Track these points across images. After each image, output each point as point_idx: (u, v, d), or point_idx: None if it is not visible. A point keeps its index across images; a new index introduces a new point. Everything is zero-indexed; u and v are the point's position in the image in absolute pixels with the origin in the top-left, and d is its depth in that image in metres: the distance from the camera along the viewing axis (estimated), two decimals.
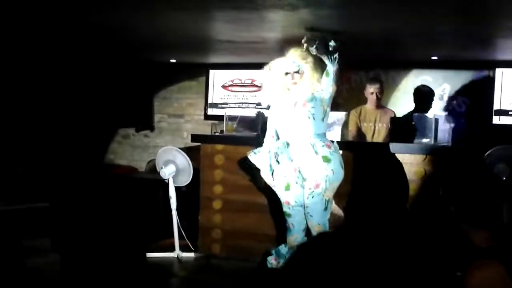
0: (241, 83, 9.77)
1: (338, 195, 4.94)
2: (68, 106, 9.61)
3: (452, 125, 5.57)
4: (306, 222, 4.30)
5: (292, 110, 4.19)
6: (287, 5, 5.32)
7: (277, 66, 4.33)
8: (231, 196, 5.43)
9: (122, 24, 6.50)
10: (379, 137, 6.03)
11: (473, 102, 8.45)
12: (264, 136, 4.60)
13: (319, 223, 4.20)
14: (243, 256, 5.19)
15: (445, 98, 8.58)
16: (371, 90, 6.16)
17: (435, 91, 8.46)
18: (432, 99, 5.97)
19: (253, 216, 5.24)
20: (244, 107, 9.62)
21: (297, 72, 4.23)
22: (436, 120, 4.97)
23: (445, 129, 5.28)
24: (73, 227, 6.43)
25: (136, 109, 10.11)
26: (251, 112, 8.24)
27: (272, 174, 4.41)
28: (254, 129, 5.93)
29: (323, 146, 4.13)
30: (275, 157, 4.26)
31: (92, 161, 9.86)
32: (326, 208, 4.18)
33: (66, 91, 9.56)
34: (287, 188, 4.25)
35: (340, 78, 9.08)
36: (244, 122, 6.04)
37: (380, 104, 6.27)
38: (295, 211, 4.28)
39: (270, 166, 4.40)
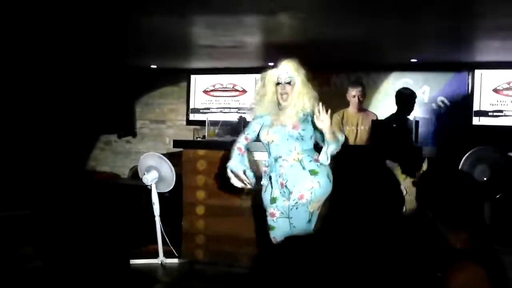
0: (223, 88, 9.78)
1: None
2: (49, 112, 9.55)
3: (433, 127, 5.61)
4: None
5: (282, 128, 4.17)
6: (265, 9, 5.34)
7: (269, 76, 4.31)
8: (213, 201, 5.42)
9: (102, 29, 6.49)
10: (361, 141, 6.05)
11: (453, 103, 8.53)
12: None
13: None
14: (227, 261, 5.19)
15: (426, 99, 8.64)
16: (353, 93, 6.17)
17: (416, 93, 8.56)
18: (414, 101, 5.98)
19: (236, 221, 5.25)
20: (226, 112, 9.62)
21: (289, 83, 4.21)
22: (417, 122, 5.00)
23: (425, 131, 5.31)
24: (56, 234, 6.38)
25: (117, 115, 10.07)
26: (233, 117, 8.26)
27: (245, 173, 4.40)
28: (236, 133, 5.94)
29: (310, 161, 4.12)
30: (269, 172, 4.26)
31: (74, 168, 9.80)
32: (310, 221, 4.12)
33: (47, 98, 9.50)
34: (273, 201, 4.22)
35: (321, 81, 9.20)
36: (226, 126, 6.06)
37: (362, 107, 6.29)
38: (279, 223, 4.22)
39: (246, 166, 4.44)
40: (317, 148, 4.25)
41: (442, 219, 2.32)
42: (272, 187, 4.22)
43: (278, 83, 4.23)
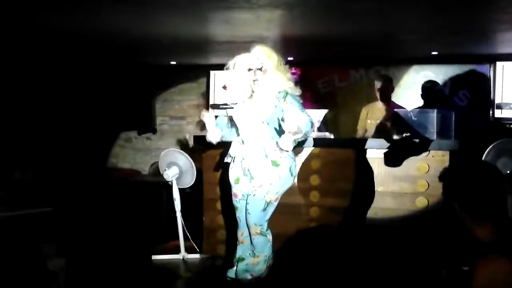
0: None
1: (326, 193, 4.96)
2: (70, 110, 9.62)
3: (454, 119, 5.56)
4: None
5: (252, 112, 4.20)
6: (282, 4, 5.33)
7: (241, 62, 4.29)
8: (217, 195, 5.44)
9: (120, 28, 6.51)
10: (380, 134, 6.03)
11: (475, 96, 8.44)
12: None
13: (255, 224, 4.22)
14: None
15: (447, 93, 8.56)
16: (377, 86, 6.20)
17: (436, 86, 8.49)
18: (438, 93, 5.97)
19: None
20: None
21: (260, 69, 4.19)
22: (438, 115, 4.96)
23: (447, 124, 5.26)
24: (78, 231, 6.43)
25: (137, 112, 10.11)
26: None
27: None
28: None
29: (275, 150, 4.14)
30: (232, 151, 4.35)
31: (95, 165, 9.86)
32: (265, 209, 4.18)
33: (68, 96, 9.58)
34: (237, 181, 4.32)
35: (340, 75, 9.18)
36: None
37: (389, 101, 6.27)
38: (240, 204, 4.34)
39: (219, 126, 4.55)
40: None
41: (469, 211, 2.31)
42: (237, 167, 4.31)
43: (249, 69, 4.23)
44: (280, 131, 4.14)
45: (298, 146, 4.42)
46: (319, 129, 5.23)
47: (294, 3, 5.31)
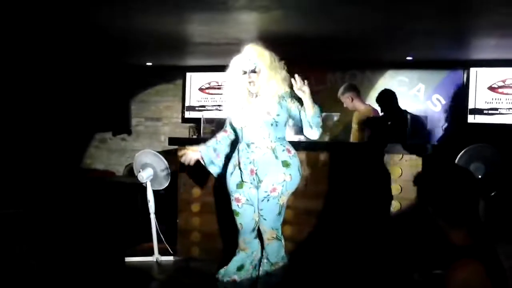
0: (218, 85, 9.76)
1: (316, 196, 4.98)
2: (45, 110, 9.53)
3: (428, 124, 5.63)
4: (255, 223, 4.19)
5: (255, 114, 4.05)
6: (259, 6, 5.34)
7: (235, 65, 4.15)
8: (209, 198, 5.42)
9: (97, 25, 6.47)
10: (354, 138, 6.10)
11: (448, 101, 8.54)
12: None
13: (272, 228, 4.09)
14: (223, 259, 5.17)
15: (421, 98, 8.65)
16: (345, 98, 6.38)
17: (410, 91, 8.59)
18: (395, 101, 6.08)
19: (232, 218, 5.23)
20: (222, 110, 9.61)
21: (254, 71, 4.05)
22: (412, 120, 5.01)
23: (420, 128, 5.32)
24: (50, 233, 6.37)
25: (113, 113, 10.06)
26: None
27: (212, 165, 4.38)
28: None
29: (283, 150, 4.05)
30: (238, 157, 4.15)
31: (69, 166, 9.79)
32: (280, 213, 4.08)
33: (42, 96, 9.48)
34: (240, 186, 4.15)
35: (316, 78, 9.21)
36: (221, 124, 6.04)
37: (358, 106, 6.39)
38: (243, 209, 4.17)
39: (212, 161, 4.36)
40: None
41: (443, 216, 2.32)
42: (241, 172, 4.12)
43: (244, 72, 4.08)
44: (285, 129, 4.13)
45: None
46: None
47: (270, 5, 5.33)
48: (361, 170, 4.91)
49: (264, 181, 4.03)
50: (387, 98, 6.47)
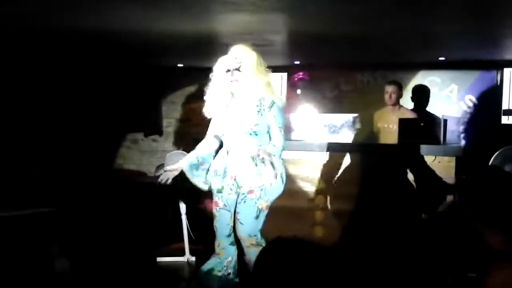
0: None
1: (344, 197, 4.95)
2: (78, 111, 9.64)
3: (461, 126, 5.56)
4: (231, 229, 4.05)
5: (236, 122, 3.91)
6: (288, 7, 5.33)
7: (219, 64, 4.04)
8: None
9: (128, 28, 6.52)
10: (392, 139, 6.03)
11: (481, 102, 8.42)
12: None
13: (250, 235, 3.91)
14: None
15: (453, 99, 8.56)
16: (387, 91, 6.24)
17: (443, 92, 8.49)
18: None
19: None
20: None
21: (238, 69, 3.91)
22: (445, 121, 4.95)
23: (453, 130, 5.26)
24: (82, 232, 6.43)
25: (144, 114, 10.13)
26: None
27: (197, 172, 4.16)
28: None
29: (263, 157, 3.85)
30: (218, 163, 4.04)
31: (101, 166, 9.88)
32: (257, 217, 3.90)
33: (76, 97, 9.60)
34: (220, 190, 4.03)
35: (346, 79, 9.17)
36: None
37: (398, 106, 6.30)
38: (220, 214, 4.04)
39: (198, 173, 4.16)
40: None
41: (483, 219, 2.29)
42: (221, 178, 4.01)
43: (227, 70, 3.95)
44: (268, 136, 3.95)
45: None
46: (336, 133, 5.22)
47: (299, 6, 5.31)
48: (393, 172, 4.87)
49: (243, 186, 3.92)
50: (423, 93, 6.38)
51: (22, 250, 5.48)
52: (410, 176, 4.84)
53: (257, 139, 3.90)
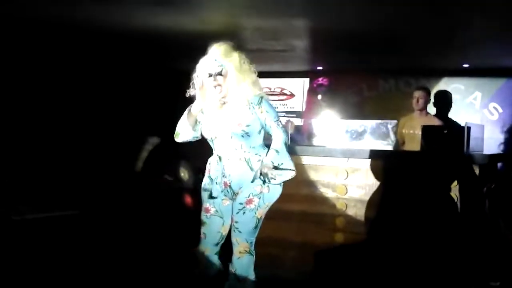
0: (271, 91, 9.79)
1: (366, 204, 4.92)
2: (104, 114, 9.71)
3: (484, 133, 5.50)
4: (221, 237, 3.88)
5: (224, 124, 3.70)
6: (312, 12, 5.32)
7: (201, 67, 3.77)
8: None
9: (153, 34, 6.57)
10: (415, 145, 5.98)
11: (505, 110, 8.34)
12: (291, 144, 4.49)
13: (246, 241, 3.75)
14: (272, 265, 5.17)
15: (477, 106, 8.48)
16: (415, 96, 6.21)
17: (466, 99, 8.43)
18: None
19: (281, 224, 5.22)
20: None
21: (220, 73, 3.68)
22: (469, 129, 4.90)
23: (477, 138, 5.21)
24: (108, 235, 6.46)
25: (170, 118, 10.17)
26: (281, 121, 8.23)
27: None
28: None
29: (259, 160, 3.68)
30: (208, 169, 3.86)
31: (127, 168, 9.93)
32: (256, 226, 3.75)
33: (102, 100, 9.67)
34: (211, 197, 3.83)
35: (368, 85, 9.15)
36: None
37: (425, 112, 6.26)
38: (210, 220, 3.84)
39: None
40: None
41: None
42: (213, 185, 3.81)
43: (209, 75, 3.70)
44: (261, 136, 3.75)
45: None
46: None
47: (323, 11, 5.31)
48: (417, 180, 4.83)
49: (240, 194, 3.71)
50: (445, 99, 6.33)
51: (46, 252, 5.54)
52: (434, 183, 4.79)
53: (249, 140, 3.70)
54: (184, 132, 3.86)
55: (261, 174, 3.60)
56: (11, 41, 7.37)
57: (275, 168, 3.59)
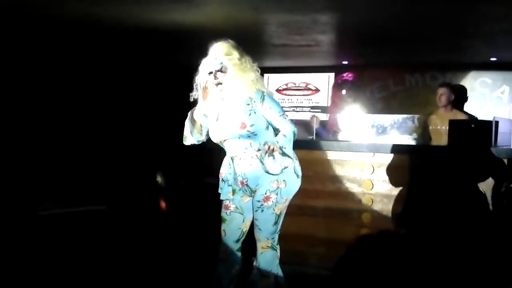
0: (296, 86, 9.77)
1: (392, 199, 4.89)
2: (128, 111, 9.77)
3: None
4: (242, 234, 3.86)
5: (230, 126, 3.69)
6: (337, 7, 5.30)
7: (202, 65, 3.76)
8: None
9: (174, 31, 6.58)
10: (441, 140, 5.93)
11: None
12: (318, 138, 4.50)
13: (267, 238, 3.76)
14: (298, 261, 5.17)
15: (505, 100, 8.38)
16: (439, 93, 6.16)
17: (494, 93, 8.33)
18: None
19: (307, 220, 5.22)
20: (299, 111, 9.61)
21: (220, 70, 3.68)
22: (496, 123, 4.85)
23: (505, 132, 5.15)
24: (133, 231, 6.51)
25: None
26: (306, 116, 8.23)
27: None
28: (309, 132, 5.93)
29: (270, 156, 3.60)
30: (225, 172, 3.82)
31: (150, 164, 9.99)
32: (276, 222, 3.73)
33: (126, 97, 9.73)
34: (232, 193, 3.81)
35: (395, 80, 9.08)
36: (299, 126, 6.04)
37: (451, 108, 6.20)
38: (231, 217, 3.83)
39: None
40: None
41: None
42: (231, 186, 3.79)
43: (209, 72, 3.70)
44: (269, 131, 3.72)
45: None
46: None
47: (348, 6, 5.28)
48: (444, 175, 4.79)
49: (257, 191, 3.71)
50: (460, 93, 6.30)
51: (72, 247, 5.59)
52: (461, 178, 4.75)
53: (258, 138, 3.68)
54: (190, 136, 3.89)
55: (265, 148, 3.52)
56: (29, 38, 7.46)
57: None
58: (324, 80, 9.43)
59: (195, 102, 3.83)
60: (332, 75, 9.32)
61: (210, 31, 6.60)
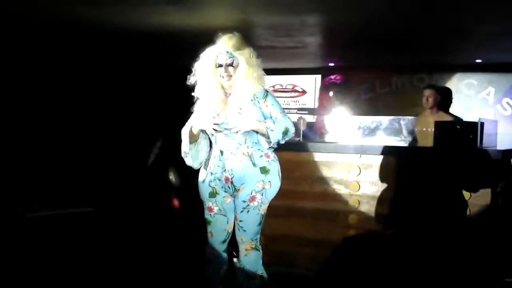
0: (283, 88, 9.78)
1: (378, 200, 4.92)
2: (120, 111, 9.74)
3: (497, 129, 5.47)
4: (227, 235, 3.86)
5: (228, 119, 3.67)
6: (325, 9, 5.31)
7: (208, 56, 3.72)
8: (272, 201, 5.41)
9: (172, 32, 6.57)
10: (427, 142, 5.96)
11: None
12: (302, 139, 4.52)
13: (252, 239, 3.77)
14: (287, 262, 5.18)
15: (490, 101, 8.44)
16: (425, 93, 6.20)
17: (479, 95, 8.39)
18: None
19: (294, 221, 5.23)
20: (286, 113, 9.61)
21: (231, 65, 3.67)
22: (482, 124, 4.88)
23: (490, 133, 5.18)
24: (120, 233, 6.49)
25: (188, 116, 10.18)
26: (293, 118, 8.23)
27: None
28: (296, 134, 5.93)
29: (261, 156, 3.69)
30: (205, 163, 3.84)
31: (140, 165, 9.95)
32: (260, 223, 3.76)
33: (118, 97, 9.70)
34: (212, 195, 3.79)
35: (382, 81, 9.12)
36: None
37: (436, 110, 6.23)
38: (215, 219, 3.82)
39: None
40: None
41: None
42: (214, 181, 3.77)
43: (219, 65, 3.68)
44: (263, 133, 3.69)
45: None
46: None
47: (336, 8, 5.30)
48: (429, 176, 4.82)
49: (241, 190, 3.71)
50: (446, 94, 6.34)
51: (59, 249, 5.57)
52: (446, 180, 4.78)
53: (254, 135, 3.70)
54: (190, 159, 3.85)
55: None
56: (29, 40, 7.43)
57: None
58: (311, 82, 9.45)
59: (188, 101, 3.82)
60: (319, 77, 9.34)
61: (197, 33, 6.61)
